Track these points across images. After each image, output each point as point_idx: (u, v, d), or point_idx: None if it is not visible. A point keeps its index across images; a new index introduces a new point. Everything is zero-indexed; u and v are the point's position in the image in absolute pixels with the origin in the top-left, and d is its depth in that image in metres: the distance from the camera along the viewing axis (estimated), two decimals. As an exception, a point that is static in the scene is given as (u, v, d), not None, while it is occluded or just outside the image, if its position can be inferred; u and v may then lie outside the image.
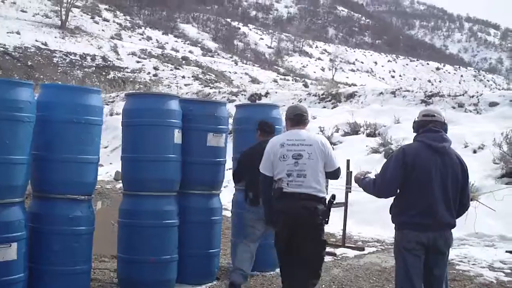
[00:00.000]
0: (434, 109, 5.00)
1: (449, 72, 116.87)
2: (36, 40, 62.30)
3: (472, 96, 19.55)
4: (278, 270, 6.31)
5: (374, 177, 4.84)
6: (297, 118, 5.49)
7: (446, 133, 4.73)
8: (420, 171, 4.57)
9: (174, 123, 6.38)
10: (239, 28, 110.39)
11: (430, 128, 4.65)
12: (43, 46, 61.44)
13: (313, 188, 5.18)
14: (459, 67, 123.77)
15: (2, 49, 55.79)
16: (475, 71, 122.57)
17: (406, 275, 4.60)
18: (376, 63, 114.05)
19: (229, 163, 7.26)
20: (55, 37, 66.17)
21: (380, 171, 4.77)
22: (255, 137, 6.89)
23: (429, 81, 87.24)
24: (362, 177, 4.93)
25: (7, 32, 61.57)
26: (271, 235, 6.14)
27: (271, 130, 6.75)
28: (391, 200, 4.85)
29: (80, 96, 5.65)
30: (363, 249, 9.28)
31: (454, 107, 18.86)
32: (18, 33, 62.49)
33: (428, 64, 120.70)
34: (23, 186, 5.15)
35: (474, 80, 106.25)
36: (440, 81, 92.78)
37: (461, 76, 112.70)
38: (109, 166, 18.19)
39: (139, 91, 28.38)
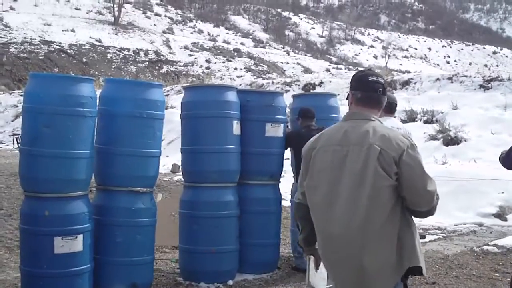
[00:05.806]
0: None
1: (506, 56, 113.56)
2: (90, 37, 63.42)
3: (533, 80, 19.01)
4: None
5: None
6: (393, 106, 5.95)
7: None
8: None
9: (233, 114, 6.40)
10: (290, 18, 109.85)
11: None
12: (97, 43, 62.48)
13: None
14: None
15: (58, 47, 57.07)
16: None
17: None
18: (430, 49, 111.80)
19: (287, 153, 7.23)
20: (109, 33, 67.24)
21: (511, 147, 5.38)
22: (297, 125, 7.10)
23: (486, 65, 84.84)
24: (502, 153, 5.51)
25: (63, 30, 62.89)
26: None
27: (313, 115, 6.96)
28: (450, 188, 5.17)
29: (142, 91, 5.72)
30: (424, 237, 9.13)
31: (514, 91, 18.35)
32: (73, 30, 63.73)
33: (484, 48, 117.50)
34: (86, 179, 5.26)
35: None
36: (497, 66, 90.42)
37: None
38: (165, 159, 18.26)
39: (197, 84, 28.50)
